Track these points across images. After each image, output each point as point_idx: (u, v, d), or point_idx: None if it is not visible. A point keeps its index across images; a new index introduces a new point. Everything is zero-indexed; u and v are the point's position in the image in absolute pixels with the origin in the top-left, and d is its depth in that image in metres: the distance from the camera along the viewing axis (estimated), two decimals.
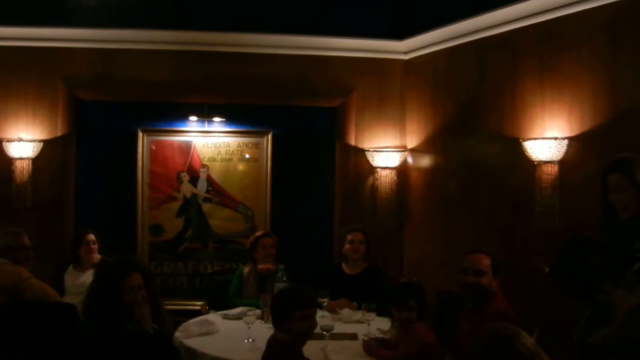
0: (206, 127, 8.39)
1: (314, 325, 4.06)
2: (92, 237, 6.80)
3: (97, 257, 6.76)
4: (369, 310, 5.35)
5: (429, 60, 7.83)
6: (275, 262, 6.57)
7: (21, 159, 7.45)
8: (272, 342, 4.08)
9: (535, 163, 6.15)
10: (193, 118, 8.35)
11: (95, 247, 6.79)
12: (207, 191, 8.40)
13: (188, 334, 5.13)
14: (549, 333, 4.97)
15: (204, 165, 8.37)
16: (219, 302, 6.50)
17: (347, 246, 6.59)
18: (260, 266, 6.59)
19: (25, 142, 7.45)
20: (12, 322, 5.14)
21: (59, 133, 7.76)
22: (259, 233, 7.02)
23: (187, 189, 8.38)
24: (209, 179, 8.40)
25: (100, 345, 4.01)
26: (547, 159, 6.04)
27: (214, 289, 7.01)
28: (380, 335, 4.98)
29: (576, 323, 5.54)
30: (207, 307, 6.67)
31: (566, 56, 6.07)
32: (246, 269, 6.72)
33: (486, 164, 6.95)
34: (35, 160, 7.54)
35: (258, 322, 5.42)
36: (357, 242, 6.55)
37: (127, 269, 4.25)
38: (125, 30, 7.68)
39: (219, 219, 8.45)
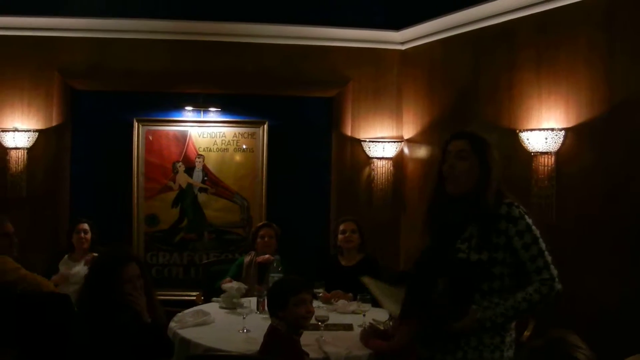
0: (202, 117, 8.37)
1: (310, 311, 4.09)
2: (84, 226, 6.82)
3: (87, 246, 6.77)
4: (364, 301, 5.34)
5: (426, 51, 7.81)
6: (274, 252, 6.59)
7: (16, 149, 7.45)
8: (269, 331, 4.15)
9: (532, 154, 6.13)
10: (189, 108, 8.32)
11: (88, 236, 6.80)
12: (203, 181, 8.38)
13: (183, 325, 5.12)
14: (545, 326, 4.97)
15: (199, 155, 8.35)
16: (215, 292, 6.49)
17: (339, 237, 6.57)
18: (258, 258, 6.61)
19: (20, 132, 7.44)
20: (6, 312, 5.13)
21: (54, 123, 7.75)
22: (260, 224, 7.08)
23: (182, 179, 8.36)
24: (205, 169, 8.37)
25: (98, 337, 4.00)
26: (544, 150, 6.02)
27: (210, 279, 7.00)
28: (377, 326, 4.98)
29: (571, 317, 5.55)
30: (202, 298, 6.67)
31: (563, 47, 6.05)
32: (247, 258, 6.75)
33: None
34: (31, 150, 7.54)
35: (253, 312, 5.42)
36: (349, 232, 6.52)
37: (124, 260, 4.25)
38: (120, 20, 7.66)
39: (215, 209, 8.43)
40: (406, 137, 8.06)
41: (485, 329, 3.23)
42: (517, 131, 6.27)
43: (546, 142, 5.98)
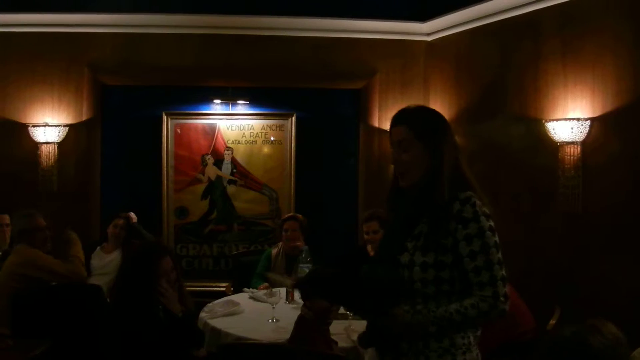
0: (230, 110, 8.42)
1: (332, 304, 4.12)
2: (122, 222, 6.90)
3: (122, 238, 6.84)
4: None
5: (452, 42, 7.80)
6: (303, 241, 6.65)
7: (47, 143, 7.53)
8: (297, 320, 4.20)
9: (558, 144, 6.13)
10: (217, 101, 8.37)
11: (123, 231, 6.87)
12: (232, 173, 8.44)
13: (213, 315, 5.19)
14: (571, 314, 4.99)
15: (228, 148, 8.41)
16: (244, 283, 6.55)
17: (365, 237, 6.54)
18: (287, 246, 6.68)
19: (51, 126, 7.52)
20: (39, 304, 5.21)
21: (84, 117, 7.82)
22: (285, 216, 7.15)
23: (211, 171, 8.43)
24: (234, 161, 8.44)
25: (131, 327, 4.07)
26: (570, 140, 6.02)
27: (239, 271, 7.07)
28: None
29: (598, 306, 5.56)
30: (232, 288, 6.74)
31: (589, 37, 6.03)
32: (274, 250, 6.80)
33: (509, 145, 6.90)
34: (61, 145, 7.62)
35: (282, 302, 5.48)
36: (372, 232, 6.41)
37: (160, 253, 4.31)
38: (148, 15, 7.72)
39: (244, 201, 8.49)
40: None
41: (421, 335, 2.78)
42: (543, 121, 6.27)
43: (572, 132, 5.98)
